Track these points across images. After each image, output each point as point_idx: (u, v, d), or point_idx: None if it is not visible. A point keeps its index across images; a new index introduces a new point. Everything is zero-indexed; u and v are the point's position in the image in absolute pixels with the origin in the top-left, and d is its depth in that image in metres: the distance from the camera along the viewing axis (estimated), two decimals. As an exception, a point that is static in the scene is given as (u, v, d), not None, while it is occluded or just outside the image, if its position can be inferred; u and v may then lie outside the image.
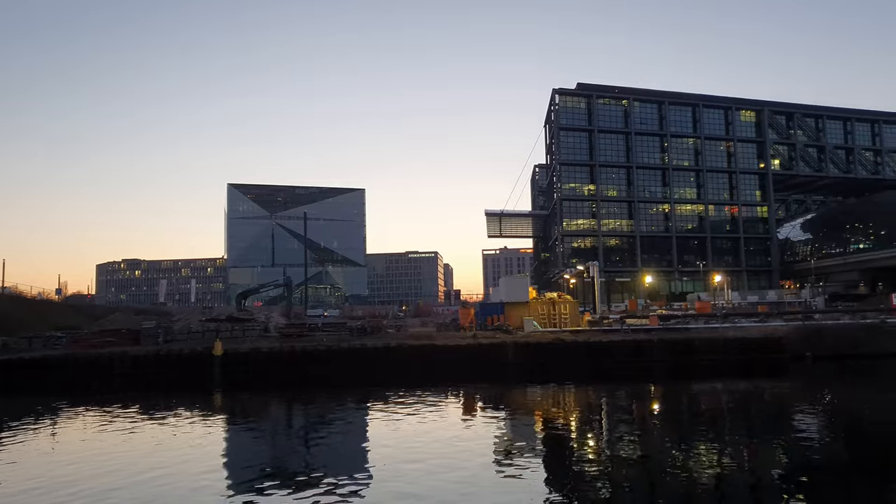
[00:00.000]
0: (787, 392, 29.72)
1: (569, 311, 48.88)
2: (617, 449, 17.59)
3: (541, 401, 27.51)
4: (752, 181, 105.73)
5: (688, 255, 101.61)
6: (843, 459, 16.39)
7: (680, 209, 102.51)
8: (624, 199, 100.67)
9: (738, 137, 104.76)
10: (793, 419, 22.48)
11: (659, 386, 32.17)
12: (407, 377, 33.94)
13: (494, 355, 38.02)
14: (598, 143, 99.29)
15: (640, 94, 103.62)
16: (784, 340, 39.09)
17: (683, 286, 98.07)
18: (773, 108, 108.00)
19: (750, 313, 54.48)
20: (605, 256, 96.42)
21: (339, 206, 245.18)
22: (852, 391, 29.30)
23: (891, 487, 13.58)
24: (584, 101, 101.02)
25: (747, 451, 17.12)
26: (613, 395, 29.28)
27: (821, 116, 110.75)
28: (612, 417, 23.52)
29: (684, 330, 43.77)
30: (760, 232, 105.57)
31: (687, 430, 20.80)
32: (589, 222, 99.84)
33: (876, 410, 24.09)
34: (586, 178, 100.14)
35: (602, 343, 39.41)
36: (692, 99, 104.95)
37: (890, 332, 40.59)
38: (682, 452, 16.88)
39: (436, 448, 17.14)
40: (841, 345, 38.91)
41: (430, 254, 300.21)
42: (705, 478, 14.44)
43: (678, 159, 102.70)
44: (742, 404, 26.19)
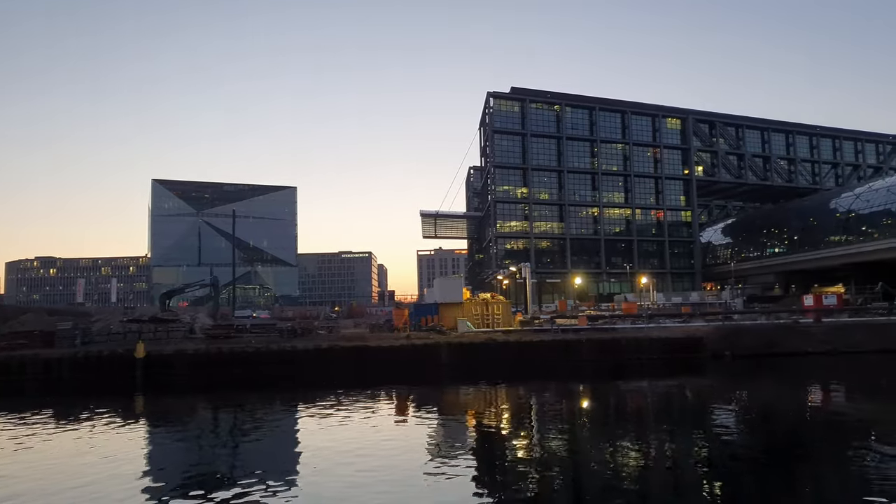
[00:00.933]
0: (708, 389, 30.99)
1: (501, 312, 49.44)
2: (546, 446, 17.89)
3: (473, 400, 27.69)
4: (676, 186, 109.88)
5: (615, 257, 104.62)
6: (757, 451, 17.25)
7: (608, 213, 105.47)
8: (555, 202, 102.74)
9: (664, 144, 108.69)
10: (712, 414, 23.48)
11: (587, 384, 32.92)
12: (339, 379, 33.51)
13: (428, 356, 38.03)
14: (531, 146, 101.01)
15: (572, 99, 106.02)
16: (705, 340, 40.77)
17: (611, 287, 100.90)
18: (697, 117, 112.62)
19: (673, 314, 56.51)
20: (536, 258, 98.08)
21: (269, 205, 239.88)
22: (767, 388, 30.85)
23: (800, 476, 14.34)
24: (517, 105, 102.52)
25: (670, 446, 17.74)
26: (543, 393, 29.80)
27: (741, 126, 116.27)
28: (542, 415, 23.92)
29: (611, 330, 45.02)
30: (684, 236, 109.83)
31: (614, 426, 21.39)
32: (522, 224, 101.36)
33: (787, 405, 25.48)
34: (519, 181, 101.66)
35: (533, 343, 40.05)
36: (621, 106, 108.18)
37: (802, 332, 42.96)
38: (609, 448, 17.33)
39: (368, 449, 16.99)
40: (757, 344, 40.98)
41: (364, 254, 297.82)
42: (630, 472, 14.88)
43: (607, 164, 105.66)
44: (665, 401, 27.16)
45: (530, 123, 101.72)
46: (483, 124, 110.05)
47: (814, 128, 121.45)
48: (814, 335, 42.21)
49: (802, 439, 18.82)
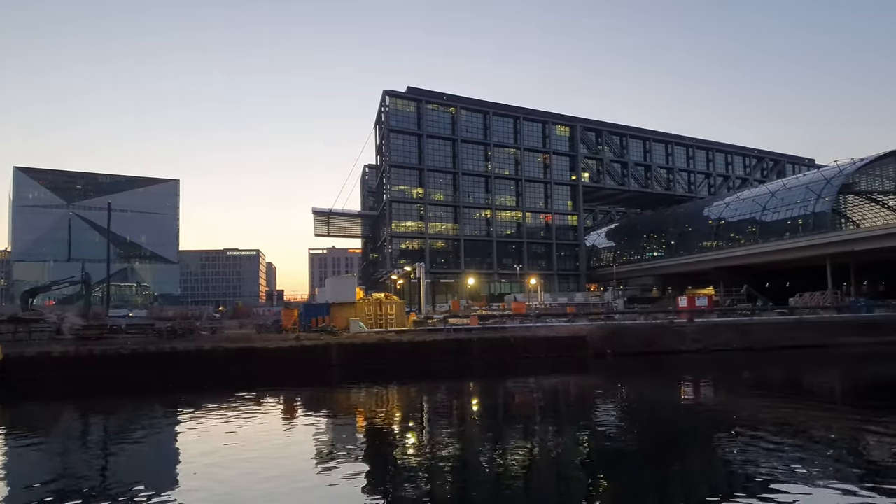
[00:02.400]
0: (590, 386, 32.20)
1: (395, 312, 49.18)
2: (436, 445, 17.80)
3: (364, 401, 27.23)
4: (564, 191, 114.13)
5: (507, 258, 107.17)
6: (637, 444, 18.05)
7: (501, 215, 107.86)
8: (450, 203, 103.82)
9: (553, 150, 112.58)
10: (596, 410, 24.37)
11: (478, 382, 33.32)
12: (223, 382, 31.96)
13: (318, 357, 37.19)
14: (427, 147, 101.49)
15: (468, 102, 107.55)
16: (588, 339, 42.53)
17: (502, 287, 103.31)
18: (584, 125, 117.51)
19: (560, 314, 58.48)
20: (431, 258, 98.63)
21: (149, 198, 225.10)
22: (645, 384, 32.49)
23: (671, 467, 15.08)
24: (414, 105, 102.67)
25: (555, 442, 18.17)
26: (435, 393, 29.85)
27: (625, 135, 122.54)
28: (432, 415, 23.88)
29: (502, 329, 45.92)
30: (571, 239, 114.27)
31: (502, 423, 21.68)
32: (417, 224, 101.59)
33: (663, 400, 26.95)
34: (415, 182, 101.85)
35: (426, 342, 40.12)
36: (514, 111, 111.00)
37: (676, 332, 45.80)
38: (498, 445, 17.51)
39: (253, 454, 16.22)
40: (636, 343, 43.31)
41: (252, 252, 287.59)
42: (517, 468, 15.06)
43: (500, 168, 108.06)
44: (552, 398, 27.92)
45: (426, 124, 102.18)
46: (379, 122, 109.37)
47: (690, 140, 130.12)
48: (687, 334, 45.13)
49: (677, 432, 19.89)
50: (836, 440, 17.66)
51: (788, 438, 17.72)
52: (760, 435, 18.07)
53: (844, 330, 48.47)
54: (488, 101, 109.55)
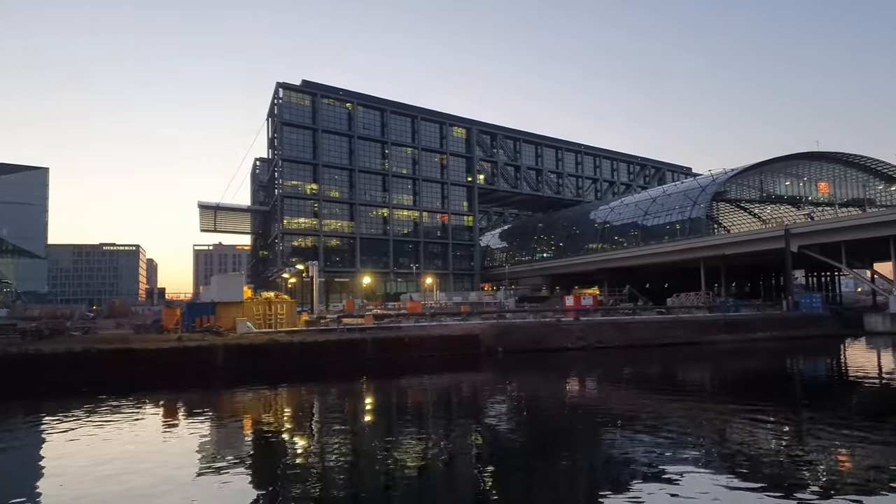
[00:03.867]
0: (481, 383, 32.67)
1: (286, 312, 47.81)
2: (327, 447, 17.34)
3: (252, 404, 26.16)
4: (460, 192, 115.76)
5: (403, 257, 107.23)
6: (525, 439, 18.44)
7: (398, 214, 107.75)
8: (346, 200, 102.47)
9: (450, 151, 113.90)
10: (486, 407, 24.70)
11: (371, 382, 32.94)
12: (96, 386, 29.67)
13: (202, 359, 35.47)
14: (322, 142, 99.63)
15: (365, 99, 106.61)
16: (481, 337, 43.24)
17: (398, 287, 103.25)
18: (480, 128, 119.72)
19: (454, 312, 59.14)
20: (325, 256, 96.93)
21: (12, 187, 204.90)
22: (534, 380, 33.35)
23: (559, 460, 15.48)
24: (309, 99, 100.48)
25: (447, 440, 18.20)
26: (327, 393, 29.24)
27: (518, 140, 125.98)
28: (323, 416, 23.31)
29: (397, 328, 45.76)
30: (466, 239, 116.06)
31: (395, 423, 21.49)
32: (310, 221, 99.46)
33: (550, 396, 27.78)
34: (309, 177, 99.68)
35: (318, 343, 39.28)
36: (412, 111, 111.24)
37: (563, 330, 47.47)
38: (390, 444, 17.31)
39: (130, 461, 15.11)
40: (526, 340, 44.53)
41: (131, 247, 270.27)
42: (409, 467, 14.92)
43: (398, 167, 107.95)
44: (444, 396, 28.04)
45: (322, 119, 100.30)
46: (272, 115, 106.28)
47: (579, 146, 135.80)
48: (573, 332, 46.91)
49: (564, 426, 20.50)
50: (706, 430, 18.87)
51: (665, 429, 18.74)
52: (640, 427, 19.16)
53: (714, 328, 52.21)
54: (386, 98, 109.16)
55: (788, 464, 14.70)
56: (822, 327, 56.87)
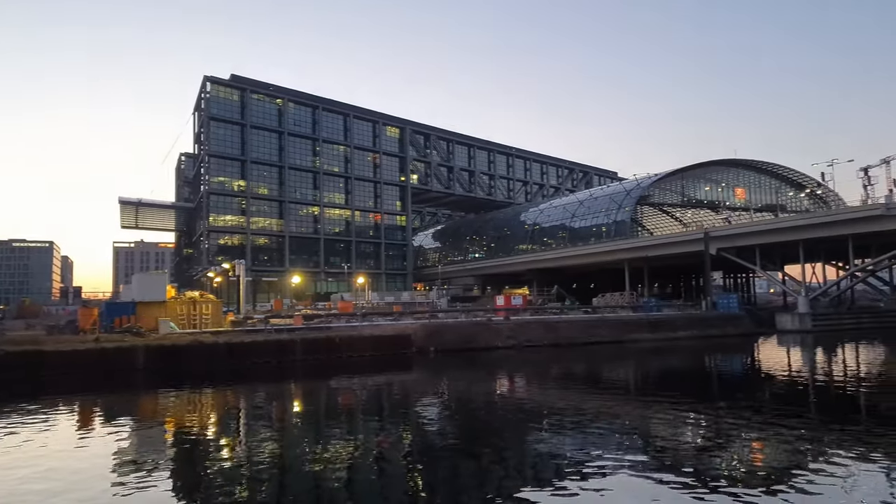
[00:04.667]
0: (413, 383, 32.68)
1: (211, 312, 46.46)
2: (254, 450, 16.90)
3: (174, 407, 25.23)
4: (393, 192, 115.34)
5: (334, 257, 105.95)
6: (455, 438, 18.53)
7: (329, 213, 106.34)
8: (275, 198, 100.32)
9: (383, 150, 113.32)
10: (417, 407, 24.71)
11: (300, 384, 32.42)
12: (2, 391, 27.93)
13: (122, 360, 34.07)
14: (251, 138, 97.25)
15: (296, 95, 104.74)
16: (413, 337, 43.26)
17: (329, 287, 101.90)
18: (413, 128, 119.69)
19: (386, 312, 58.92)
20: (253, 255, 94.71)
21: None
22: (464, 379, 33.60)
23: (488, 458, 15.66)
24: (237, 94, 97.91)
25: (378, 440, 18.09)
26: (254, 395, 28.54)
27: (451, 141, 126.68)
28: (250, 418, 22.73)
29: (327, 329, 45.17)
30: (399, 239, 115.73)
31: (325, 425, 21.18)
32: (238, 219, 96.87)
33: (480, 394, 28.04)
34: (237, 174, 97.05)
35: (244, 343, 38.36)
36: (345, 108, 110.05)
37: (494, 329, 48.07)
38: (318, 446, 17.06)
39: (43, 471, 14.24)
40: (457, 340, 44.87)
41: (44, 243, 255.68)
42: (337, 467, 14.73)
43: (329, 164, 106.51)
44: (375, 397, 27.87)
45: (251, 114, 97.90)
46: (199, 109, 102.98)
47: (511, 149, 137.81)
48: (503, 332, 47.59)
49: (493, 424, 20.74)
50: (630, 425, 19.50)
51: (591, 425, 19.29)
52: (567, 423, 19.70)
53: (637, 327, 54.07)
54: (318, 95, 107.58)
55: (708, 456, 15.40)
56: (738, 326, 59.81)
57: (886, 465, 13.85)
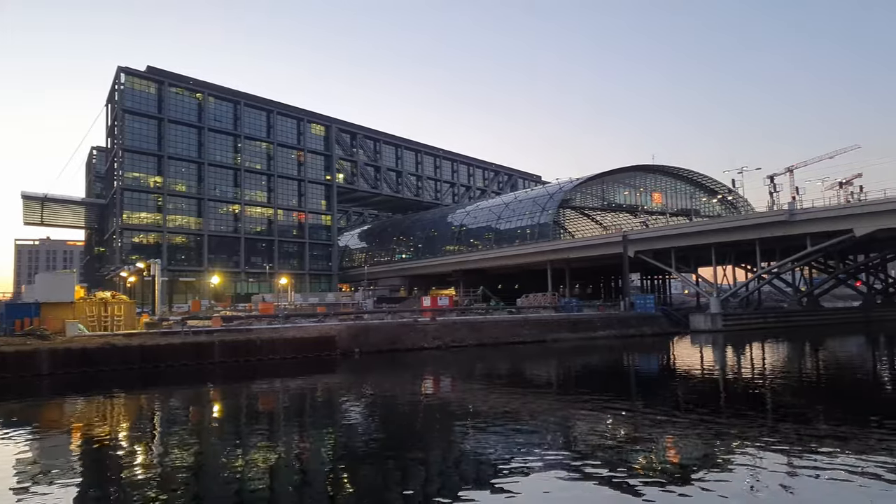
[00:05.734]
0: (336, 385, 32.23)
1: (123, 313, 44.30)
2: (169, 457, 16.19)
3: (82, 414, 23.88)
4: (319, 191, 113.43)
5: (256, 256, 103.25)
6: (378, 439, 18.36)
7: (250, 211, 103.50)
8: (194, 195, 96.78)
9: (308, 148, 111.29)
10: (341, 410, 24.39)
11: (218, 388, 31.38)
12: None
13: (22, 365, 32.12)
14: (169, 133, 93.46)
15: (217, 90, 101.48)
16: (337, 339, 42.70)
17: (250, 287, 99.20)
18: (340, 126, 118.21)
19: (310, 314, 57.85)
20: (170, 254, 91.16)
21: None
22: (389, 381, 33.41)
23: (413, 459, 15.60)
24: (154, 87, 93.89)
25: (300, 444, 17.72)
26: (169, 400, 27.43)
27: (378, 140, 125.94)
28: (165, 424, 21.79)
29: (247, 331, 43.91)
30: (324, 238, 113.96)
31: (244, 430, 20.56)
32: (154, 216, 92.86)
33: (405, 395, 27.99)
34: (153, 169, 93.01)
35: (159, 346, 36.86)
36: (268, 105, 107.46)
37: (420, 330, 48.09)
38: (239, 452, 16.53)
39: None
40: (382, 341, 44.64)
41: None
42: (257, 473, 14.33)
43: (251, 161, 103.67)
44: (297, 400, 27.30)
45: (169, 108, 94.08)
46: (112, 101, 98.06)
47: (438, 150, 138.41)
48: (429, 332, 47.70)
49: (418, 425, 20.71)
50: (552, 422, 19.93)
51: (514, 423, 19.57)
52: (491, 422, 19.91)
53: (559, 327, 55.38)
54: (240, 91, 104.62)
55: (626, 451, 15.92)
56: (654, 326, 62.21)
57: (787, 458, 14.71)
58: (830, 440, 16.23)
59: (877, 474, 12.64)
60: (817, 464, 13.77)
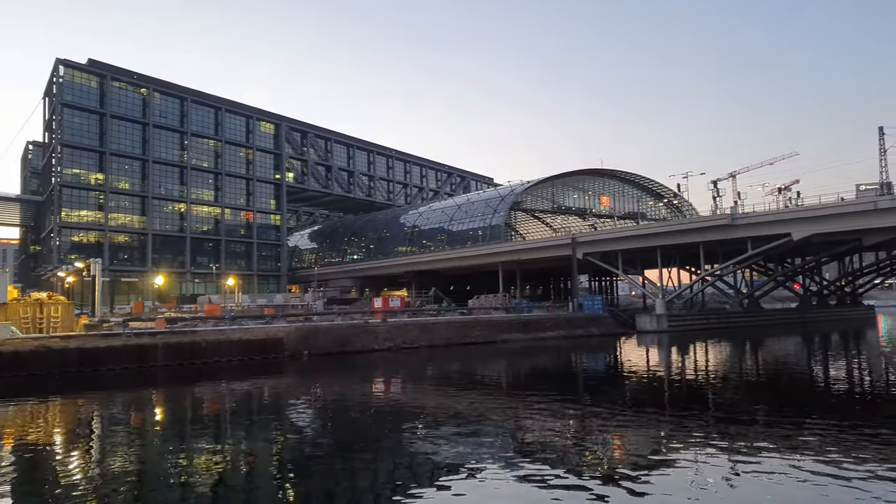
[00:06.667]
0: (284, 388, 31.73)
1: (61, 314, 42.51)
2: (108, 463, 15.61)
3: (14, 420, 22.80)
4: (268, 190, 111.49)
5: (202, 256, 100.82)
6: (328, 443, 18.18)
7: (197, 210, 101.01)
8: (138, 193, 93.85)
9: (257, 147, 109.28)
10: (288, 413, 23.99)
11: (162, 391, 30.49)
12: None
13: (-51, 369, 30.32)
14: (111, 128, 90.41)
15: (163, 85, 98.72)
16: (285, 341, 42.01)
17: (196, 288, 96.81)
18: (290, 125, 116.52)
19: (258, 315, 56.84)
20: (112, 254, 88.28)
21: None
22: (338, 383, 33.10)
23: (362, 461, 15.47)
24: (96, 80, 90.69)
25: (246, 448, 17.35)
26: (109, 404, 26.49)
27: (330, 139, 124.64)
28: (104, 429, 21.01)
29: (192, 332, 42.75)
30: (273, 239, 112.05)
31: (189, 434, 20.03)
32: (94, 214, 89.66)
33: (354, 398, 27.76)
34: (94, 166, 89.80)
35: (99, 349, 35.60)
36: (216, 102, 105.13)
37: (370, 331, 47.75)
38: (183, 457, 16.10)
39: None
40: (332, 343, 44.18)
41: None
42: (204, 479, 13.96)
43: (198, 159, 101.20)
44: (244, 403, 26.73)
45: (111, 103, 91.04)
46: (50, 94, 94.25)
47: (390, 151, 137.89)
48: (380, 334, 47.42)
49: (367, 427, 20.51)
50: (502, 423, 20.04)
51: (465, 425, 19.56)
52: (441, 423, 19.91)
53: (510, 328, 55.83)
54: (187, 87, 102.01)
55: (575, 449, 16.17)
56: (602, 327, 63.34)
57: (728, 454, 15.17)
58: (769, 436, 16.83)
59: (813, 470, 13.16)
60: (757, 459, 14.25)
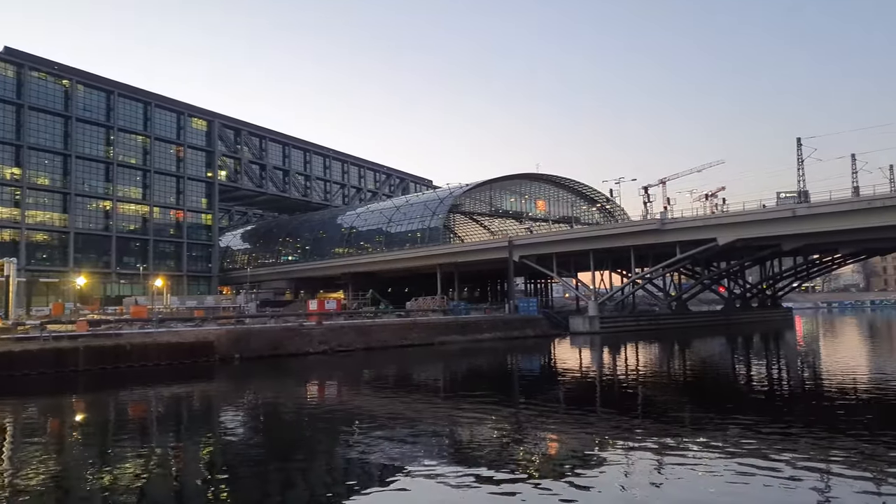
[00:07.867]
0: (214, 393, 30.76)
1: (-30, 316, 39.92)
2: (23, 474, 14.59)
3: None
4: (199, 188, 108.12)
5: (128, 256, 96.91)
6: (260, 449, 17.68)
7: (123, 208, 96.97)
8: (58, 189, 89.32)
9: (188, 144, 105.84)
10: (217, 418, 23.24)
11: (83, 397, 29.02)
12: None
13: None
14: (29, 121, 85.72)
15: (87, 77, 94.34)
16: (215, 344, 40.72)
17: (122, 289, 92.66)
18: (223, 122, 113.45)
19: (187, 318, 54.95)
20: (29, 253, 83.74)
21: None
22: (270, 388, 32.29)
23: (296, 467, 15.07)
24: (12, 70, 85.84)
25: (174, 455, 16.66)
26: (23, 411, 24.97)
27: (264, 138, 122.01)
28: (18, 437, 19.72)
29: (116, 335, 40.91)
30: (204, 238, 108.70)
31: (112, 441, 19.06)
32: (10, 211, 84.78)
33: (287, 402, 27.16)
34: (10, 160, 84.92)
35: (13, 353, 33.60)
36: (146, 96, 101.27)
37: (305, 334, 46.85)
38: (105, 466, 15.26)
39: None
40: (264, 346, 43.09)
41: None
42: (129, 488, 13.23)
43: (125, 155, 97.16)
44: (171, 409, 25.74)
45: (30, 94, 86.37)
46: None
47: (328, 150, 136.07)
48: (315, 337, 46.60)
49: (301, 432, 20.07)
50: (438, 425, 19.98)
51: (401, 428, 19.37)
52: (377, 426, 19.69)
53: (448, 330, 55.95)
54: (113, 80, 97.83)
55: (508, 449, 16.24)
56: (537, 328, 64.31)
57: (655, 454, 15.56)
58: (695, 434, 17.36)
59: (735, 470, 13.62)
60: (684, 457, 14.66)
